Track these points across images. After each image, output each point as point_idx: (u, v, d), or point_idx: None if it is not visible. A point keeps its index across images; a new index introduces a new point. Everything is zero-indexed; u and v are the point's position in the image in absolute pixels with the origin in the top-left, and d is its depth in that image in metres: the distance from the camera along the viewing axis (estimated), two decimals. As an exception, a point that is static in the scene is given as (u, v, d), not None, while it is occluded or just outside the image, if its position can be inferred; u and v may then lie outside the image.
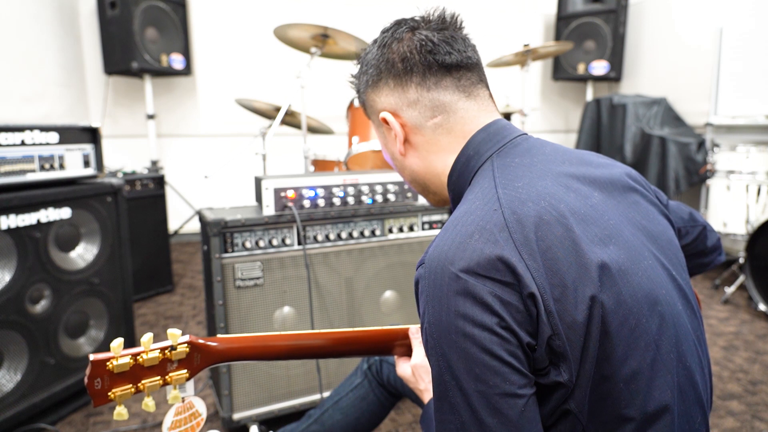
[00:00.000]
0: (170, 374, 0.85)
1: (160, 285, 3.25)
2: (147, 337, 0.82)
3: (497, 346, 0.65)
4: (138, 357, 0.81)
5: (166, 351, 0.84)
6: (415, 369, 1.01)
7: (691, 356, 0.76)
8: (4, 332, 1.70)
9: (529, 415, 0.66)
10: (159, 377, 0.84)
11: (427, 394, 0.97)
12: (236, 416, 1.73)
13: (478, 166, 0.82)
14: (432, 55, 0.83)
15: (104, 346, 2.05)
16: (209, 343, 0.89)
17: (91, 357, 0.79)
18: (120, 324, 2.12)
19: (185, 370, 0.87)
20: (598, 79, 4.59)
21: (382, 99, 0.88)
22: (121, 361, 0.79)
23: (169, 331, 0.85)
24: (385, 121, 0.88)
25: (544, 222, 0.70)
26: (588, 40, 4.51)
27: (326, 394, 1.79)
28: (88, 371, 0.79)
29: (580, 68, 4.57)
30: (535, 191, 0.74)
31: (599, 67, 4.47)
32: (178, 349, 0.85)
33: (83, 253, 1.97)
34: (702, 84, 3.89)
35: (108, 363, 0.79)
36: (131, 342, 2.17)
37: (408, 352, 1.07)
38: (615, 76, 4.49)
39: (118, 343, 0.80)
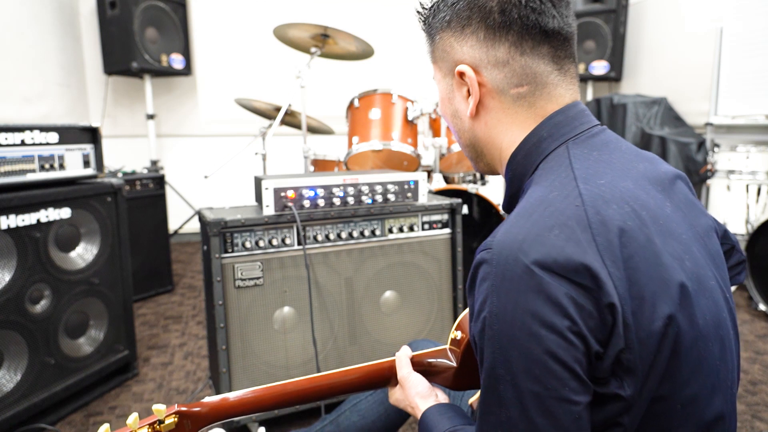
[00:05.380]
0: None
1: (160, 285, 3.26)
2: (132, 418, 0.83)
3: (563, 350, 0.61)
4: None
5: (155, 425, 0.85)
6: (402, 382, 0.96)
7: (733, 383, 0.75)
8: (4, 332, 1.70)
9: (583, 423, 0.63)
10: None
11: (422, 402, 0.92)
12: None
13: (550, 151, 0.75)
14: (536, 14, 0.73)
15: (104, 346, 2.05)
16: (194, 409, 0.90)
17: None
18: (120, 324, 2.12)
19: None
20: (598, 78, 4.58)
21: (465, 49, 0.77)
22: None
23: (154, 407, 0.86)
24: (461, 75, 0.78)
25: (628, 227, 0.66)
26: (588, 40, 4.50)
27: (326, 394, 1.79)
28: None
29: (580, 68, 4.56)
30: (619, 192, 0.69)
31: (599, 67, 4.47)
32: (166, 422, 0.86)
33: (83, 253, 1.97)
34: (702, 84, 3.89)
35: None
36: (131, 342, 2.17)
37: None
38: (615, 76, 4.49)
39: (104, 428, 0.81)
